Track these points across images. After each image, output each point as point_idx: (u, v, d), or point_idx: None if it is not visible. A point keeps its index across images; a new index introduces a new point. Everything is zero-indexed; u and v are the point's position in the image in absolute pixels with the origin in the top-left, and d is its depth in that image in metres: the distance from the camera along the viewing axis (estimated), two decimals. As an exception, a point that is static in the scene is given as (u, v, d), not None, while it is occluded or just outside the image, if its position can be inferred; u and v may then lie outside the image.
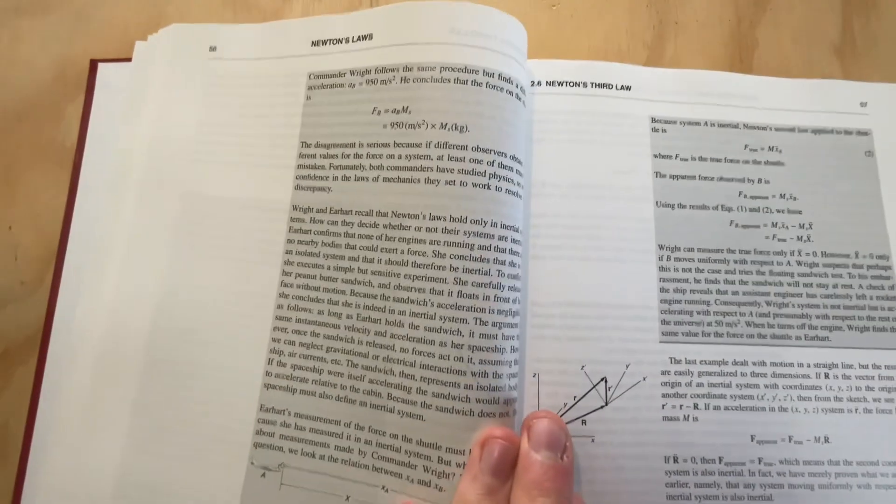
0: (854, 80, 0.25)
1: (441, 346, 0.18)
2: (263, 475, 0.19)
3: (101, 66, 0.24)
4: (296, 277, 0.20)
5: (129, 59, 0.24)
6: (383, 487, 0.18)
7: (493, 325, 0.18)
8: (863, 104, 0.23)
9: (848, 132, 0.22)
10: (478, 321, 0.18)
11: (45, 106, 0.24)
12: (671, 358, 0.20)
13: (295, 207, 0.21)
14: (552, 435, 0.17)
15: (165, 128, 0.22)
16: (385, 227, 0.19)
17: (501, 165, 0.19)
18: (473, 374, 0.18)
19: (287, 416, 0.19)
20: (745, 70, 0.26)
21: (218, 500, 0.19)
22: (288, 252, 0.20)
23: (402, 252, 0.19)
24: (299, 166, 0.21)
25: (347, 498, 0.18)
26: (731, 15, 0.26)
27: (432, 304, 0.18)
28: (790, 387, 0.20)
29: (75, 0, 0.26)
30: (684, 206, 0.21)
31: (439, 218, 0.18)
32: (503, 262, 0.19)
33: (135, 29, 0.25)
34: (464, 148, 0.19)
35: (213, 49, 0.24)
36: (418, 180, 0.19)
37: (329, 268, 0.20)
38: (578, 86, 0.22)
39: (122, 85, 0.24)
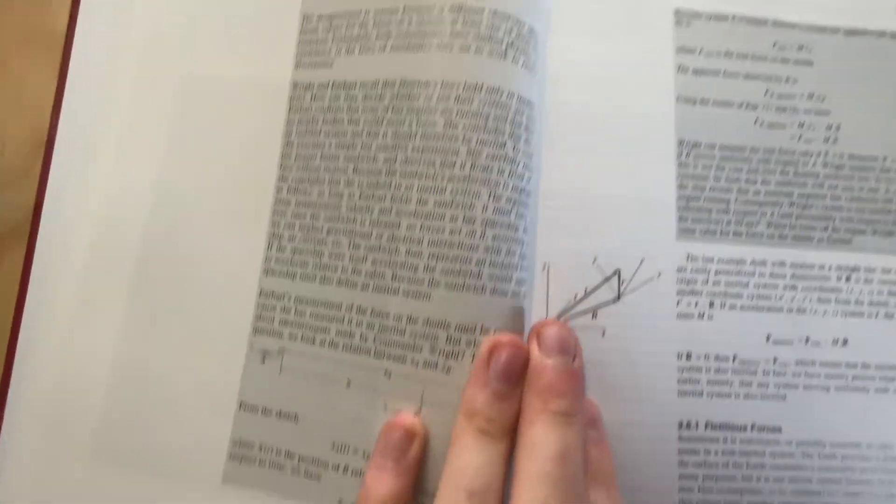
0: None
1: (452, 220, 0.17)
2: (263, 361, 0.18)
3: (93, -51, 0.23)
4: (295, 159, 0.19)
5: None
6: (385, 372, 0.17)
7: (508, 200, 0.17)
8: (900, 5, 0.22)
9: (882, 34, 0.21)
10: (492, 196, 0.17)
11: (35, -9, 0.23)
12: (688, 255, 0.19)
13: (295, 85, 0.20)
14: (562, 341, 0.16)
15: (160, 8, 0.21)
16: (392, 97, 0.18)
17: (518, 35, 0.18)
18: (486, 249, 0.17)
19: (287, 302, 0.19)
20: (774, -23, 0.24)
21: (217, 385, 0.19)
22: (287, 133, 0.19)
23: (411, 123, 0.18)
24: (300, 42, 0.20)
25: (348, 384, 0.18)
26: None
27: (443, 178, 0.17)
28: (809, 289, 0.19)
29: None
30: (707, 103, 0.20)
31: (452, 86, 0.17)
32: (518, 138, 0.18)
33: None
34: (480, 12, 0.18)
35: None
36: (430, 46, 0.18)
37: (330, 146, 0.19)
38: (601, -29, 0.21)
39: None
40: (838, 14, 0.21)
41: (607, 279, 0.19)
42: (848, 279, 0.19)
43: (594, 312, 0.18)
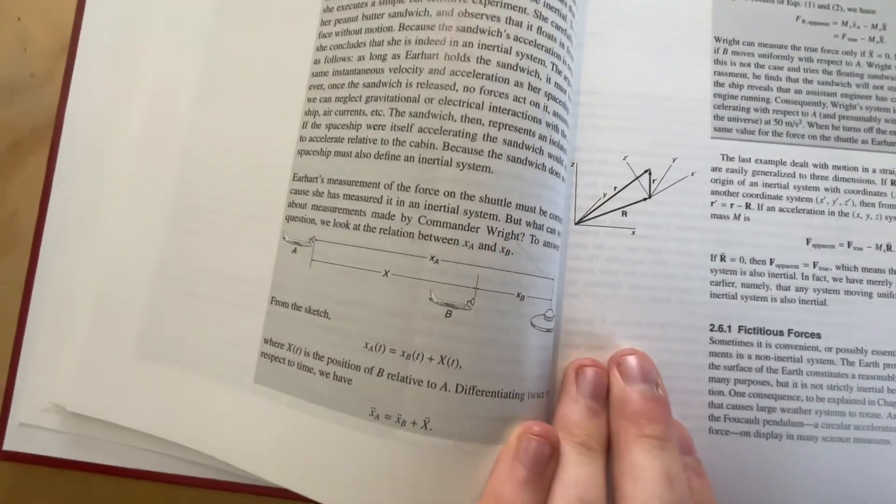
0: None
1: (517, 86, 0.16)
2: (295, 251, 0.17)
3: None
4: (335, 24, 0.18)
5: None
6: (432, 258, 0.16)
7: (565, 78, 0.17)
8: None
9: (935, -71, 0.20)
10: (554, 67, 0.16)
11: None
12: (723, 154, 0.18)
13: None
14: (644, 369, 0.16)
15: None
16: None
17: None
18: (548, 124, 0.16)
19: (320, 184, 0.17)
20: None
21: (252, 277, 0.18)
22: (327, 6, 0.19)
23: None
24: None
25: (385, 273, 0.16)
26: None
27: (508, 36, 0.16)
28: (852, 191, 0.18)
29: None
30: (746, -2, 0.19)
31: None
32: (574, 16, 0.17)
33: None
34: None
35: None
36: None
37: (373, 4, 0.18)
38: None
39: None
40: None
41: (637, 178, 0.18)
42: (893, 183, 0.18)
43: (624, 211, 0.18)
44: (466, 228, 0.16)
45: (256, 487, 0.18)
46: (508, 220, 0.16)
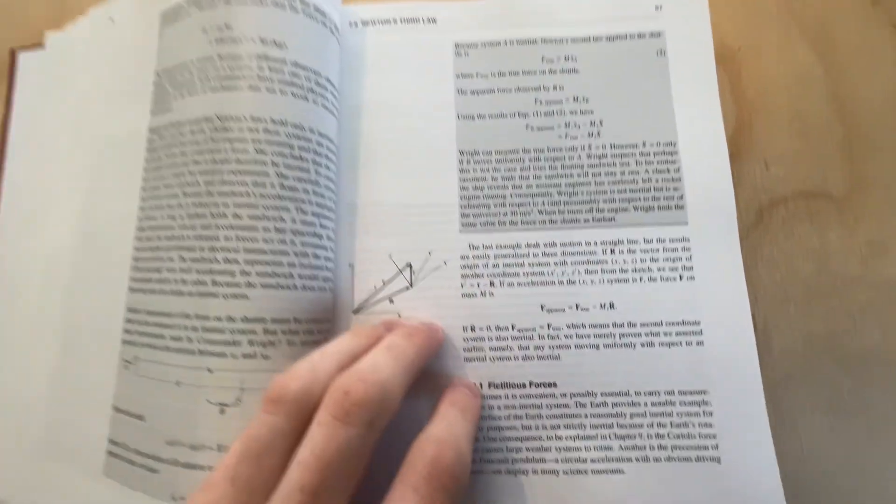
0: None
1: (264, 231, 0.21)
2: (127, 368, 0.22)
3: (19, 54, 0.30)
4: (150, 192, 0.23)
5: (40, 46, 0.29)
6: (208, 369, 0.20)
7: (313, 214, 0.21)
8: (658, 7, 0.24)
9: (641, 35, 0.24)
10: (298, 210, 0.21)
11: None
12: (470, 244, 0.23)
13: (151, 131, 0.24)
14: None
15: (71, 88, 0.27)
16: (211, 130, 0.21)
17: (318, 83, 0.22)
18: (296, 254, 0.21)
19: (140, 315, 0.22)
20: (570, -4, 0.28)
21: (105, 390, 0.22)
22: (145, 178, 0.24)
23: (226, 151, 0.21)
24: (154, 94, 0.24)
25: (178, 383, 0.20)
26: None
27: (255, 196, 0.21)
28: (578, 262, 0.22)
29: None
30: (483, 117, 0.24)
31: (260, 120, 0.21)
32: (320, 164, 0.22)
33: (42, 21, 0.30)
34: (283, 62, 0.22)
35: (111, 20, 0.27)
36: (241, 88, 0.21)
37: (168, 176, 0.22)
38: (389, 23, 0.25)
39: (37, 68, 0.29)
40: (600, 23, 0.25)
41: (400, 271, 0.22)
42: (612, 251, 0.22)
43: (391, 298, 0.22)
44: (232, 343, 0.20)
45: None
46: (265, 332, 0.20)
